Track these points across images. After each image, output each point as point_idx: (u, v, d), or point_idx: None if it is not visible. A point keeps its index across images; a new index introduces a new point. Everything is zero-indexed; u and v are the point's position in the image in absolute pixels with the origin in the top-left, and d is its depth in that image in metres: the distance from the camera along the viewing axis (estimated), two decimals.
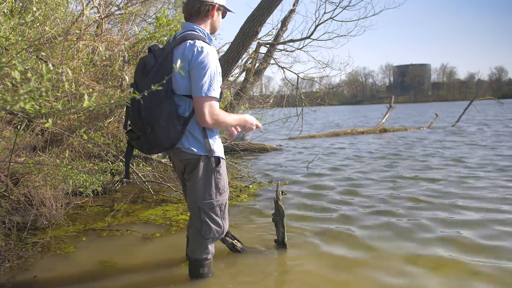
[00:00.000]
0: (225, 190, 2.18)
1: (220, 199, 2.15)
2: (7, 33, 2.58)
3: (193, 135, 2.05)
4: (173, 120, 1.95)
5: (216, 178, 2.11)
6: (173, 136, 1.98)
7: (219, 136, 2.19)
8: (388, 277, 2.33)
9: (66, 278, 2.40)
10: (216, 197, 2.13)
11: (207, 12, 2.11)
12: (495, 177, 5.04)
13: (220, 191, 2.14)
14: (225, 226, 2.21)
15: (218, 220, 2.17)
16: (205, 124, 1.99)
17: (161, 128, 1.93)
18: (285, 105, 7.37)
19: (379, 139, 10.89)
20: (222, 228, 2.20)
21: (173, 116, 1.95)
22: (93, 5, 4.39)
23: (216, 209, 2.15)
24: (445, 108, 39.24)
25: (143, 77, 1.95)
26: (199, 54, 1.94)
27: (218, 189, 2.13)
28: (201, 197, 2.10)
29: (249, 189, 4.76)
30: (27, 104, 1.26)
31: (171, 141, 1.99)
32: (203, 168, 2.08)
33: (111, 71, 4.20)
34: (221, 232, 2.20)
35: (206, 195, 2.10)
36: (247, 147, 8.57)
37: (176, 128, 1.97)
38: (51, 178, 3.08)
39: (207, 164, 2.08)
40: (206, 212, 2.13)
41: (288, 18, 6.30)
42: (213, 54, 1.98)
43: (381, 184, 4.95)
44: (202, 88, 1.92)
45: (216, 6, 2.13)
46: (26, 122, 3.54)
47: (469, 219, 3.39)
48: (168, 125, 1.94)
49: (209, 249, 2.22)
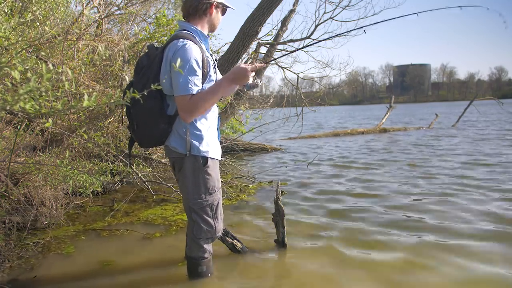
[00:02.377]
0: (215, 190, 2.14)
1: (210, 199, 2.12)
2: (7, 33, 2.57)
3: (179, 134, 2.06)
4: (155, 119, 2.00)
5: (204, 178, 2.08)
6: (157, 134, 2.04)
7: (214, 135, 2.16)
8: (389, 276, 2.33)
9: (66, 277, 2.40)
10: (205, 197, 2.10)
11: (204, 10, 2.09)
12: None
13: (210, 191, 2.11)
14: (217, 226, 2.18)
15: (209, 220, 2.14)
16: (187, 121, 1.99)
17: (144, 126, 2.02)
18: (285, 105, 7.37)
19: (378, 140, 10.89)
20: (214, 228, 2.16)
21: (155, 115, 1.99)
22: (93, 5, 4.39)
23: (206, 209, 2.13)
24: (444, 108, 39.19)
25: (136, 76, 2.05)
26: (177, 54, 1.92)
27: (207, 189, 2.10)
28: (190, 197, 2.10)
29: (249, 189, 4.76)
30: (27, 104, 1.26)
31: (155, 139, 2.07)
32: (190, 167, 2.07)
33: (111, 71, 4.19)
34: (213, 232, 2.17)
35: (196, 195, 2.09)
36: (247, 147, 8.57)
37: (159, 126, 2.01)
38: (51, 178, 3.07)
39: (194, 164, 2.06)
40: (196, 212, 2.12)
41: (288, 18, 6.29)
42: (191, 50, 1.93)
43: (381, 183, 4.95)
44: (178, 87, 1.93)
45: (214, 4, 2.10)
46: (26, 122, 3.54)
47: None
48: (151, 123, 2.01)
49: (205, 248, 2.19)
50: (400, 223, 3.33)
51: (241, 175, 5.53)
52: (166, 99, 2.04)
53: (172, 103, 2.04)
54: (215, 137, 2.19)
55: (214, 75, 2.12)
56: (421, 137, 11.10)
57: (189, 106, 1.93)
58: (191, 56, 1.92)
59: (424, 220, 3.39)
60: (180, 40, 1.96)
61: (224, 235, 2.68)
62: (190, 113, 1.96)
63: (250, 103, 7.83)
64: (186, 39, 1.97)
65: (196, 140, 2.05)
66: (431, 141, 9.77)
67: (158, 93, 1.98)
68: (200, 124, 2.07)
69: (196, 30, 2.09)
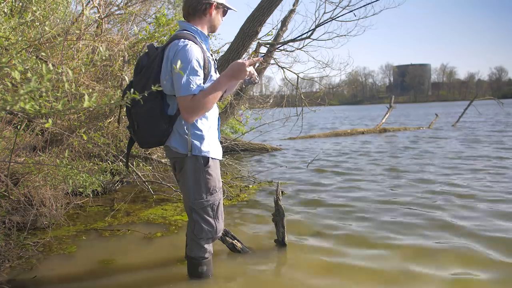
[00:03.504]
0: (216, 190, 2.14)
1: (211, 199, 2.12)
2: (7, 33, 2.57)
3: (179, 134, 2.06)
4: (156, 119, 1.99)
5: (205, 178, 2.08)
6: (158, 134, 2.02)
7: (214, 135, 2.16)
8: (390, 277, 2.33)
9: (67, 278, 2.40)
10: (206, 197, 2.10)
11: (204, 10, 2.09)
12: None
13: (211, 191, 2.11)
14: (218, 226, 2.18)
15: (210, 220, 2.14)
16: (189, 121, 1.99)
17: (144, 126, 2.01)
18: (285, 105, 7.36)
19: (378, 140, 10.89)
20: (215, 228, 2.17)
21: (155, 115, 1.98)
22: (93, 5, 4.38)
23: (207, 209, 2.13)
24: (441, 109, 39.16)
25: (135, 76, 2.05)
26: (178, 54, 1.92)
27: (208, 189, 2.10)
28: (191, 197, 2.10)
29: (249, 189, 4.76)
30: (27, 104, 1.26)
31: (156, 139, 2.06)
32: (191, 167, 2.07)
33: (111, 71, 4.19)
34: (214, 232, 2.17)
35: (196, 195, 2.09)
36: (247, 147, 8.56)
37: (160, 127, 2.00)
38: (51, 178, 3.08)
39: (195, 164, 2.06)
40: (197, 212, 2.12)
41: (288, 18, 6.28)
42: (192, 50, 1.93)
43: (382, 184, 4.95)
44: (180, 88, 1.92)
45: (214, 4, 2.09)
46: (26, 122, 3.54)
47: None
48: (151, 123, 2.00)
49: (206, 248, 2.19)
50: (401, 224, 3.33)
51: (241, 175, 5.53)
52: (166, 99, 2.04)
53: (172, 103, 2.04)
54: (216, 137, 2.19)
55: (215, 75, 2.12)
56: (419, 137, 11.10)
57: (192, 106, 1.93)
58: (192, 56, 1.92)
59: (437, 221, 3.38)
60: (181, 40, 1.95)
61: (224, 235, 2.69)
62: (192, 113, 1.95)
63: (250, 103, 7.82)
64: (187, 39, 1.96)
65: (197, 140, 2.05)
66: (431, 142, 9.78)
67: (159, 93, 1.98)
68: (201, 124, 2.07)
69: (197, 30, 2.09)
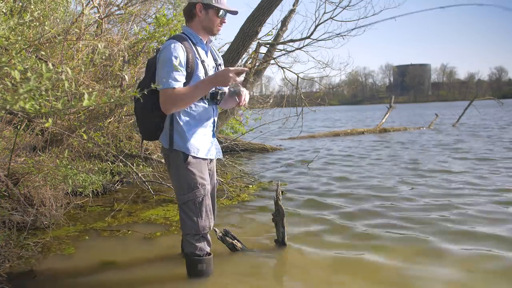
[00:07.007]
0: (198, 186, 2.17)
1: (191, 195, 2.16)
2: (6, 33, 2.57)
3: (165, 129, 2.18)
4: (147, 114, 2.14)
5: (185, 174, 2.15)
6: (151, 128, 2.19)
7: (201, 133, 2.19)
8: (390, 277, 2.33)
9: (67, 278, 2.40)
10: (187, 192, 2.16)
11: (190, 12, 2.18)
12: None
13: (192, 187, 2.16)
14: (200, 223, 2.18)
15: (192, 216, 2.17)
16: (167, 113, 2.09)
17: (141, 120, 2.21)
18: (285, 105, 7.35)
19: (377, 140, 10.89)
20: (197, 225, 2.17)
21: (147, 110, 2.12)
22: (93, 5, 4.38)
23: (189, 204, 2.17)
24: (441, 109, 39.18)
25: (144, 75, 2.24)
26: (161, 52, 2.07)
27: (189, 185, 2.16)
28: (176, 192, 2.22)
29: (249, 189, 4.76)
30: (27, 104, 1.26)
31: (149, 132, 2.21)
32: (174, 163, 2.18)
33: (111, 71, 4.19)
34: (197, 228, 2.17)
35: (179, 190, 2.19)
36: (247, 147, 8.56)
37: (151, 122, 2.16)
38: (51, 178, 3.07)
39: (177, 160, 2.16)
40: (181, 207, 2.21)
41: (288, 18, 6.28)
42: (173, 48, 2.04)
43: (383, 184, 4.95)
44: (159, 81, 2.04)
45: (199, 5, 2.14)
46: (26, 122, 3.54)
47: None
48: (145, 118, 2.17)
49: (197, 245, 2.19)
50: (401, 225, 3.33)
51: (241, 175, 5.53)
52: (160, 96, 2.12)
53: None
54: (204, 135, 2.22)
55: (202, 76, 2.15)
56: (417, 137, 11.10)
57: (170, 100, 2.03)
58: (171, 54, 2.03)
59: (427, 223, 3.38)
60: (170, 40, 2.11)
61: (224, 235, 2.69)
62: (170, 106, 2.05)
63: (250, 103, 7.82)
64: (176, 39, 2.10)
65: (178, 135, 2.14)
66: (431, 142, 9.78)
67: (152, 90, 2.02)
68: (184, 120, 2.14)
69: (191, 33, 2.20)
